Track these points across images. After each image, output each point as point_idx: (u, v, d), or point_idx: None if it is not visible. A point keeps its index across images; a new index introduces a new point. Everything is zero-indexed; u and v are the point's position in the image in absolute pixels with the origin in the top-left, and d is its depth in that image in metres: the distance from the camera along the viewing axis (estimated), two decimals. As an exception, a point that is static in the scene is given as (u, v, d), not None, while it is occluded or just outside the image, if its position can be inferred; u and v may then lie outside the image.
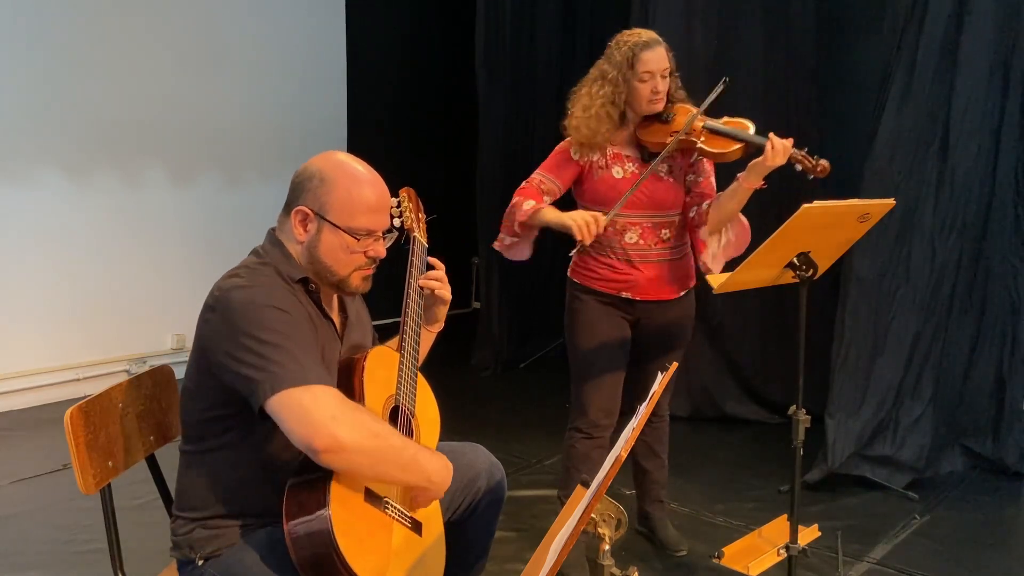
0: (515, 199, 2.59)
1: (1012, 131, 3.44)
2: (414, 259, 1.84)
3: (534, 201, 2.55)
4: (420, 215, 1.94)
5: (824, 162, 2.37)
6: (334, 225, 1.62)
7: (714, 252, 2.59)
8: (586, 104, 2.53)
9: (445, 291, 1.89)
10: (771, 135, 2.36)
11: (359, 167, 1.66)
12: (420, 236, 1.89)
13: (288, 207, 1.66)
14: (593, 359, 2.63)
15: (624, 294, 2.59)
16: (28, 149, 4.29)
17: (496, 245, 2.71)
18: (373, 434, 1.48)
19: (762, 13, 4.09)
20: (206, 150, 5.02)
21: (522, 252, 2.71)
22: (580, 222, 2.41)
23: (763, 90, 4.05)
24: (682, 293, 2.67)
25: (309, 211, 1.62)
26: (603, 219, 2.43)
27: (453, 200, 5.87)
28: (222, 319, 1.51)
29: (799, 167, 2.38)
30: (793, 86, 4.13)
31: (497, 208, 5.28)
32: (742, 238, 2.60)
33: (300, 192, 1.64)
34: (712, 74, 3.94)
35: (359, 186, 1.63)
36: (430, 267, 1.89)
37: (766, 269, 2.22)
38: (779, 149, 2.33)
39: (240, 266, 1.63)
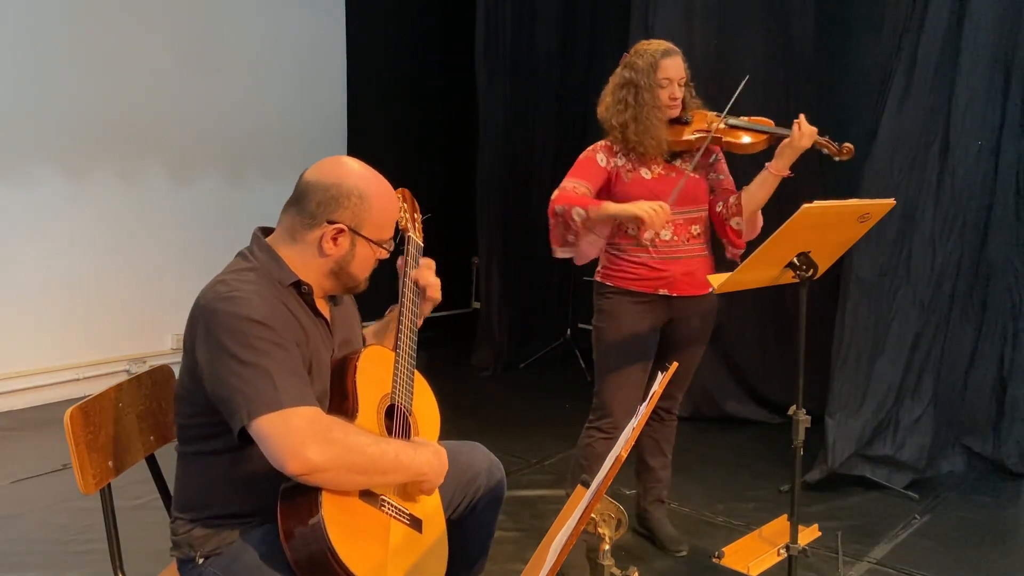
0: (556, 208, 2.52)
1: (1012, 131, 3.44)
2: (409, 259, 1.85)
3: (581, 207, 2.49)
4: (416, 215, 1.95)
5: (848, 144, 2.52)
6: (368, 240, 1.64)
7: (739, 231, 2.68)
8: (635, 116, 2.56)
9: (438, 292, 1.88)
10: (801, 117, 2.48)
11: (382, 179, 1.68)
12: (416, 236, 1.90)
13: (312, 217, 1.61)
14: (622, 360, 2.64)
15: (662, 291, 2.62)
16: (28, 149, 4.29)
17: (559, 255, 2.65)
18: (347, 449, 1.48)
19: (762, 13, 4.09)
20: (206, 150, 5.01)
21: (589, 252, 2.67)
22: (648, 209, 2.38)
23: (763, 90, 4.05)
24: (710, 290, 2.71)
25: (346, 228, 1.62)
26: (667, 205, 2.42)
27: (453, 200, 5.90)
28: (206, 332, 1.51)
29: (824, 151, 2.52)
30: (793, 86, 4.13)
31: (497, 208, 5.34)
32: (757, 222, 2.69)
33: (334, 207, 1.60)
34: (712, 74, 3.94)
35: (390, 201, 1.69)
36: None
37: (766, 269, 2.21)
38: (806, 132, 2.46)
39: (226, 272, 1.61)
